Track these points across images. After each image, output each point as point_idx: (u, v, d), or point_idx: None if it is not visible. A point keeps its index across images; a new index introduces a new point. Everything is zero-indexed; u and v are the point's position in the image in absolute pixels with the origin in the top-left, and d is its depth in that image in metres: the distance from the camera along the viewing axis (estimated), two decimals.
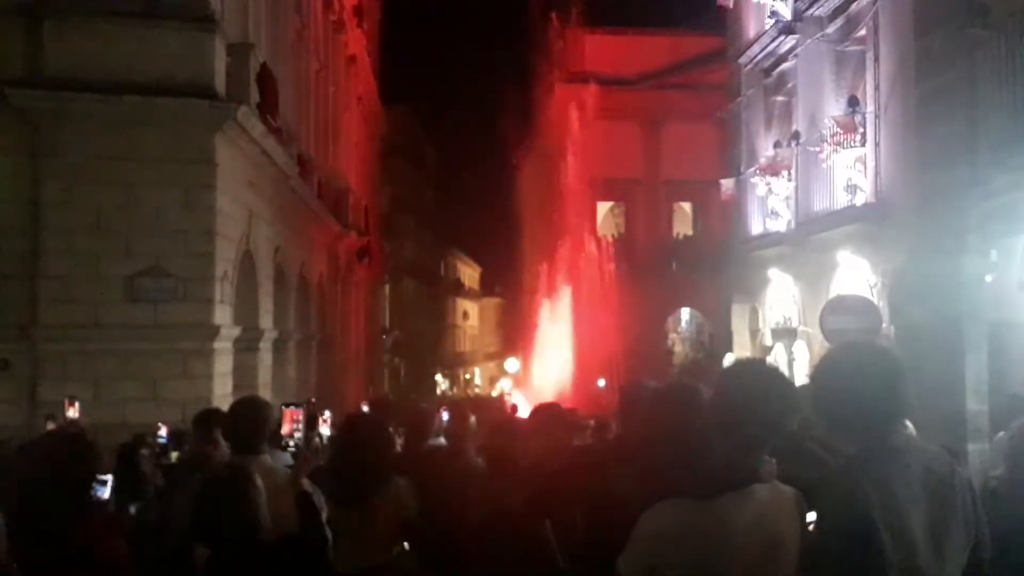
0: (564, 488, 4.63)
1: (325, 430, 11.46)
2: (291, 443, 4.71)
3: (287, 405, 4.94)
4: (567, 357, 34.25)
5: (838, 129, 15.87)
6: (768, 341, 21.36)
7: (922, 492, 3.01)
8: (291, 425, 5.12)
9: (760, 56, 21.20)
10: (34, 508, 3.33)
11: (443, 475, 5.73)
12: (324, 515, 4.73)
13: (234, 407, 5.37)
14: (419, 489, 5.28)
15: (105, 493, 4.36)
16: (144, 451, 9.27)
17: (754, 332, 22.61)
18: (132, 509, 7.14)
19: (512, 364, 55.31)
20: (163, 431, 11.00)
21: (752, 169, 21.10)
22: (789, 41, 19.43)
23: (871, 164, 15.71)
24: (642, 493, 3.29)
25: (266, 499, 4.20)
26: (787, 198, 19.56)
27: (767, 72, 21.43)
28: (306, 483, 4.72)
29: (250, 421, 5.00)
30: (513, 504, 4.83)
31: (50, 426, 10.77)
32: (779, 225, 19.97)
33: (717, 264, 26.88)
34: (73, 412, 11.13)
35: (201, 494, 4.11)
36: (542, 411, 5.85)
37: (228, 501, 3.93)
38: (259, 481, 4.03)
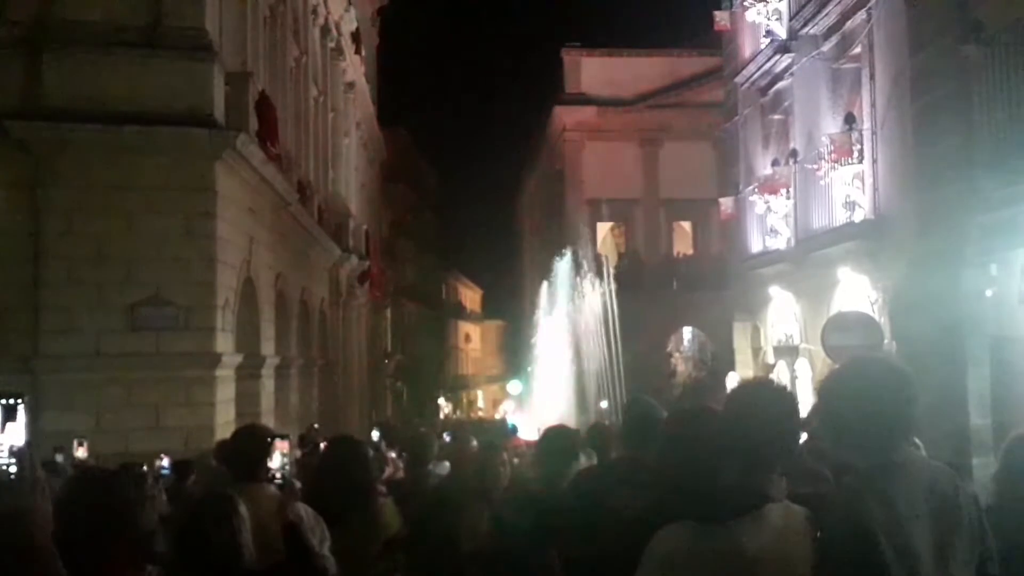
0: (570, 512, 4.61)
1: None
2: (278, 475, 4.73)
3: (273, 437, 4.95)
4: (569, 378, 34.21)
5: (835, 146, 15.90)
6: (770, 359, 21.33)
7: (925, 508, 3.00)
8: (280, 457, 5.14)
9: (756, 75, 21.27)
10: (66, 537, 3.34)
11: (442, 499, 5.74)
12: (327, 545, 4.71)
13: (236, 435, 5.39)
14: (419, 514, 5.28)
15: None
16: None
17: (756, 350, 22.58)
18: None
19: (514, 386, 55.29)
20: (165, 461, 11.00)
21: (751, 187, 21.13)
22: (785, 60, 19.49)
23: (869, 180, 15.73)
24: (652, 515, 3.29)
25: (258, 527, 4.19)
26: (786, 216, 19.58)
27: (763, 91, 21.49)
28: (304, 512, 4.70)
29: (251, 449, 5.01)
30: (518, 529, 4.81)
31: (59, 458, 10.76)
32: (779, 243, 19.98)
33: (718, 282, 26.90)
34: (82, 452, 11.13)
35: (185, 520, 4.12)
36: (551, 435, 5.81)
37: (210, 527, 3.93)
38: (243, 509, 4.03)
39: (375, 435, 16.00)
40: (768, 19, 19.54)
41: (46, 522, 2.62)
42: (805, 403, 3.58)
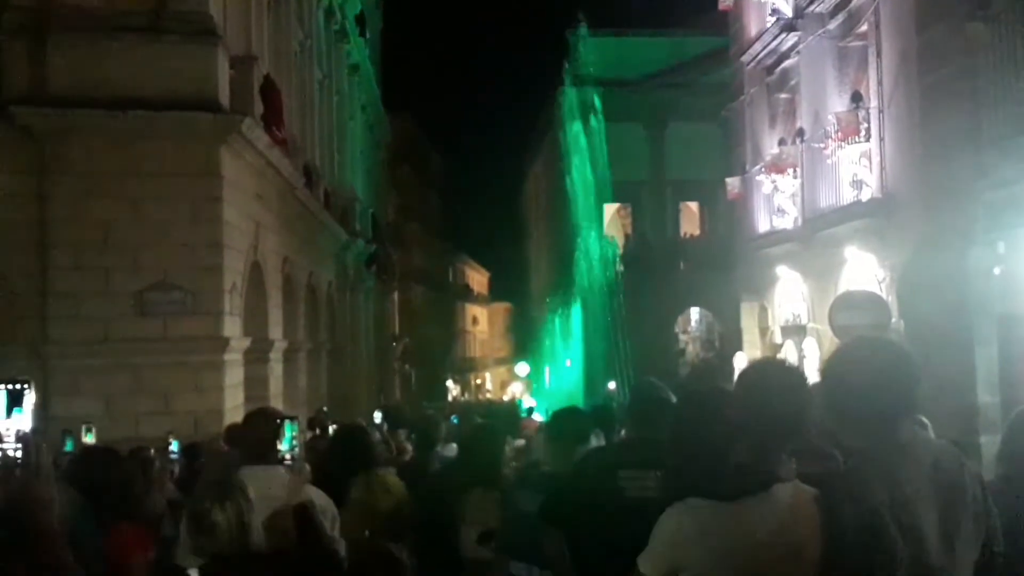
0: (577, 493, 4.61)
1: None
2: (288, 457, 4.75)
3: (283, 419, 4.98)
4: (577, 359, 34.25)
5: (842, 125, 15.85)
6: (778, 339, 21.33)
7: (931, 487, 3.01)
8: (290, 439, 5.17)
9: (762, 54, 21.20)
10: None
11: (449, 481, 5.76)
12: (337, 527, 4.73)
13: (249, 418, 5.42)
14: (426, 496, 5.31)
15: None
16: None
17: (764, 330, 22.58)
18: None
19: (522, 368, 55.38)
20: (174, 444, 11.02)
21: (757, 167, 21.09)
22: (791, 38, 19.41)
23: (876, 159, 15.69)
24: (661, 496, 3.29)
25: (269, 510, 4.22)
26: (793, 195, 19.55)
27: (770, 70, 21.41)
28: (316, 495, 4.72)
29: (263, 432, 5.03)
30: (525, 511, 4.82)
31: (68, 441, 10.79)
32: (786, 222, 19.95)
33: (725, 263, 26.87)
34: (91, 438, 11.18)
35: (193, 504, 4.14)
36: (561, 416, 5.81)
37: (215, 510, 3.94)
38: (251, 492, 4.05)
39: (377, 417, 16.04)
40: None
41: (52, 508, 2.63)
42: (812, 383, 3.58)
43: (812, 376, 3.30)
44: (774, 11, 19.60)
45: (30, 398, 2.34)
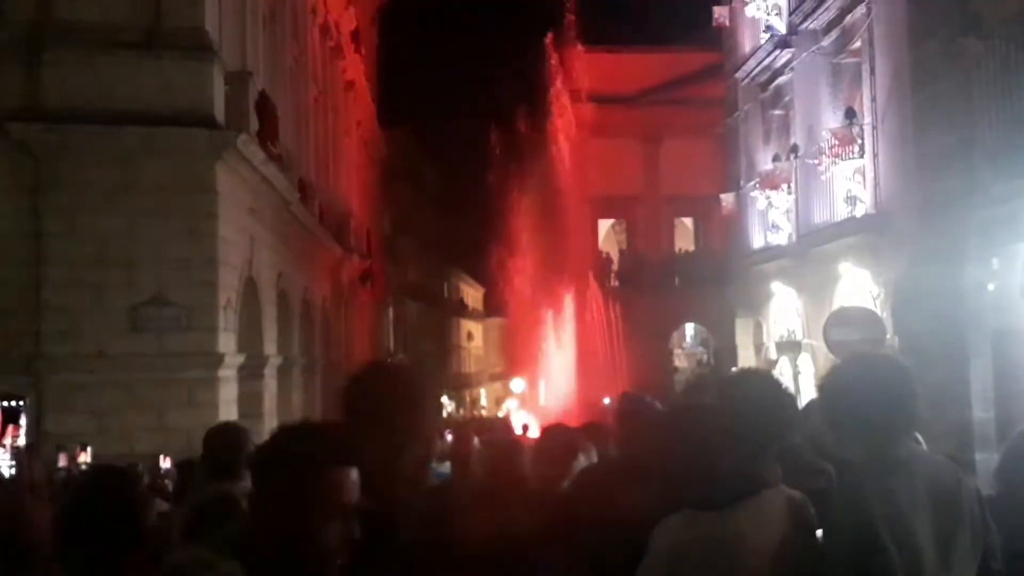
0: (575, 513, 4.59)
1: None
2: None
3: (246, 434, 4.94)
4: (571, 375, 34.20)
5: (836, 141, 15.88)
6: (773, 355, 21.31)
7: (927, 502, 3.01)
8: None
9: (756, 70, 21.26)
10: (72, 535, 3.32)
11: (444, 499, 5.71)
12: None
13: (210, 433, 5.36)
14: (421, 515, 5.26)
15: None
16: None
17: (758, 346, 22.57)
18: None
19: (518, 384, 55.25)
20: (167, 461, 11.00)
21: (752, 183, 21.12)
22: (785, 55, 19.48)
23: (870, 175, 15.72)
24: (655, 509, 3.29)
25: None
26: (787, 211, 19.56)
27: (764, 86, 21.48)
28: None
29: (228, 447, 4.99)
30: (523, 532, 4.78)
31: (62, 457, 10.78)
32: (780, 238, 19.96)
33: (720, 279, 26.87)
34: (84, 456, 11.17)
35: (188, 521, 4.11)
36: (550, 433, 5.78)
37: (215, 527, 3.92)
38: (245, 506, 4.04)
39: None
40: (768, 14, 19.52)
41: (43, 523, 2.60)
42: (808, 399, 3.59)
43: (806, 392, 3.32)
44: (768, 28, 19.67)
45: (25, 415, 2.31)
